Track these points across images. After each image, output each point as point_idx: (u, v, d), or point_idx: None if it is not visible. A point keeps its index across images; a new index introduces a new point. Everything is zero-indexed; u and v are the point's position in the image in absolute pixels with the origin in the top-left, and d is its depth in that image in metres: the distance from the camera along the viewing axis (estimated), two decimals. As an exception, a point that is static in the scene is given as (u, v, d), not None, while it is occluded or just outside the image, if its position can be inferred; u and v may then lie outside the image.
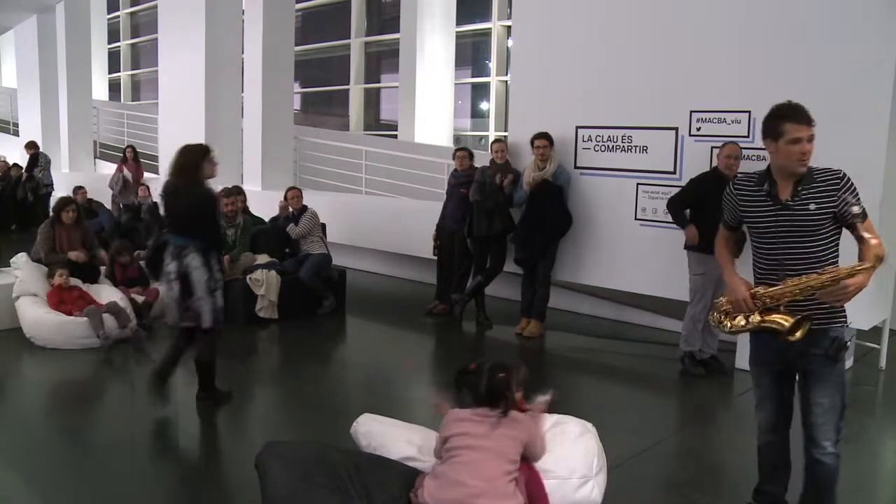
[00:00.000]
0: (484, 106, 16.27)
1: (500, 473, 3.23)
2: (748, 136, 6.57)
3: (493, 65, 15.49)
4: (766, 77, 6.48)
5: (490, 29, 15.34)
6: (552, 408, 3.82)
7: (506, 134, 8.69)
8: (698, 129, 6.90)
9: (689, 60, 6.89)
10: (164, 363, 5.40)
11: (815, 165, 3.52)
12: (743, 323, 3.55)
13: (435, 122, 15.88)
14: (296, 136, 13.81)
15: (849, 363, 6.67)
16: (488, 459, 3.24)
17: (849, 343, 3.46)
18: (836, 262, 3.39)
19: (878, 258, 3.22)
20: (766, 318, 3.46)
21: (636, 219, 7.28)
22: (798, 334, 3.36)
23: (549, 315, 7.65)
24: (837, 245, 3.43)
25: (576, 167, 7.64)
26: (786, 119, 3.49)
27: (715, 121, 6.81)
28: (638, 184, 7.26)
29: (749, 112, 6.61)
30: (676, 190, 6.74)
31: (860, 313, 6.25)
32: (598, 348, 7.48)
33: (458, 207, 8.03)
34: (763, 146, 6.43)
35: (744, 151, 6.43)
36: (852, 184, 3.40)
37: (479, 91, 16.48)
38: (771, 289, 3.45)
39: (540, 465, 3.52)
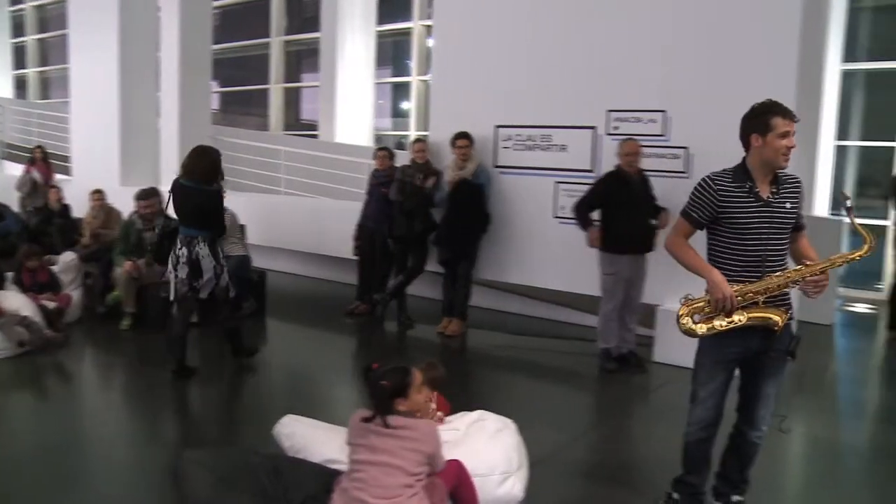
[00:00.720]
0: (405, 105, 16.25)
1: (401, 489, 3.14)
2: (664, 135, 6.73)
3: (413, 64, 15.47)
4: (681, 78, 6.66)
5: (411, 28, 15.32)
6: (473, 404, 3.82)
7: (427, 133, 8.68)
8: (615, 128, 7.03)
9: (606, 61, 7.02)
10: (174, 338, 6.09)
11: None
12: (724, 324, 3.50)
13: (355, 121, 15.78)
14: (214, 136, 13.53)
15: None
16: (387, 475, 3.14)
17: (800, 337, 3.58)
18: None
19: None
20: (755, 314, 3.47)
21: (556, 216, 7.38)
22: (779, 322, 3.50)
23: (471, 314, 7.68)
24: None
25: (496, 166, 7.70)
26: (774, 114, 3.58)
27: (632, 120, 6.95)
28: (557, 182, 7.35)
29: (664, 111, 6.76)
30: (595, 188, 6.86)
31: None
32: (520, 346, 7.53)
33: (379, 207, 7.98)
34: (676, 144, 6.68)
35: (659, 150, 6.58)
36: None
37: (400, 91, 16.45)
38: (752, 285, 3.47)
39: (464, 462, 3.51)
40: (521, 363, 7.06)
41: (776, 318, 3.46)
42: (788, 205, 3.53)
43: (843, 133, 10.91)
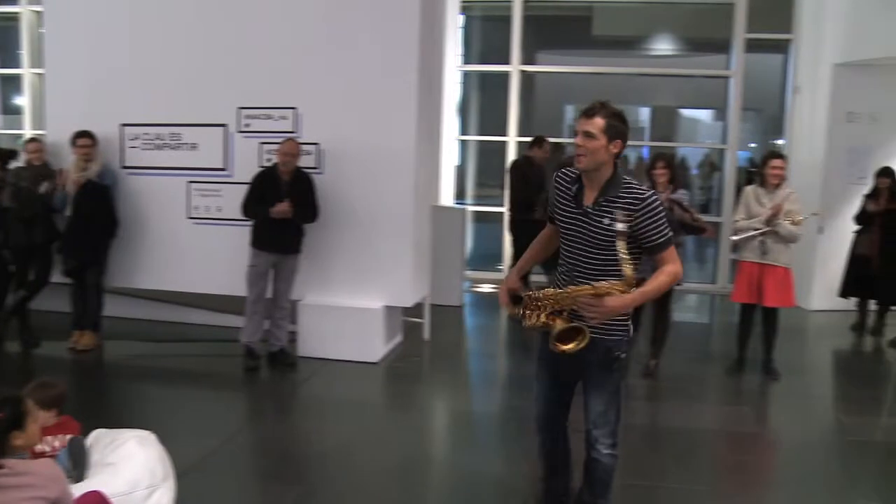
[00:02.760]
0: (18, 101, 14.75)
1: None
2: (296, 132, 6.81)
3: (25, 55, 14.05)
4: (311, 76, 6.80)
5: (19, 13, 13.83)
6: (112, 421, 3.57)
7: (43, 132, 7.94)
8: (247, 126, 6.98)
9: (236, 58, 6.94)
10: None
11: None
12: (533, 321, 3.32)
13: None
14: None
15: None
16: None
17: (622, 355, 3.45)
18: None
19: (629, 283, 3.16)
20: (548, 319, 3.29)
21: (189, 217, 7.16)
22: (570, 346, 3.23)
23: (105, 324, 7.19)
24: (631, 263, 3.16)
25: (123, 167, 7.28)
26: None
27: (263, 117, 6.95)
28: (189, 182, 7.14)
29: (295, 108, 6.85)
30: (229, 187, 6.91)
31: (405, 293, 6.86)
32: (159, 353, 7.18)
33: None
34: (307, 141, 6.79)
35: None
36: (655, 209, 3.22)
37: (11, 84, 14.88)
38: (551, 292, 3.31)
39: (101, 486, 3.29)
40: (163, 371, 6.75)
41: (555, 326, 3.26)
42: (607, 220, 3.21)
43: (464, 128, 11.85)
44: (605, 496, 3.62)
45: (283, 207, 6.27)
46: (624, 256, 3.12)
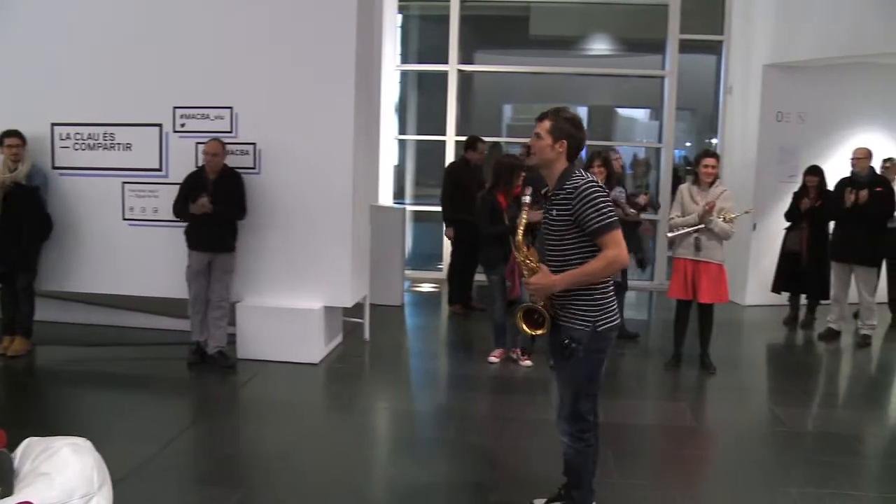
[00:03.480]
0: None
1: None
2: (231, 132, 6.74)
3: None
4: (247, 75, 6.72)
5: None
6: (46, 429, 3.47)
7: (-32, 133, 7.69)
8: (182, 126, 6.87)
9: (171, 57, 6.83)
10: None
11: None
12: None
13: None
14: None
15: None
16: None
17: (573, 346, 3.47)
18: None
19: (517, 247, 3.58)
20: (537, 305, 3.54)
21: (125, 219, 7.02)
22: (540, 331, 3.52)
23: (36, 329, 6.99)
24: (591, 252, 3.40)
25: (54, 167, 7.10)
26: None
27: (199, 117, 6.85)
28: (124, 182, 7.00)
29: (231, 108, 6.77)
30: (164, 188, 6.83)
31: (345, 293, 6.84)
32: (94, 357, 7.01)
33: None
34: (244, 141, 6.74)
35: (228, 147, 6.58)
36: (588, 196, 3.37)
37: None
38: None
39: (33, 497, 3.20)
40: (99, 377, 6.58)
41: (530, 308, 3.57)
42: (554, 212, 3.47)
43: (402, 128, 11.84)
44: (578, 487, 3.73)
45: (202, 201, 6.26)
46: (604, 249, 3.38)
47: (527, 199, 3.62)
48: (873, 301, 7.91)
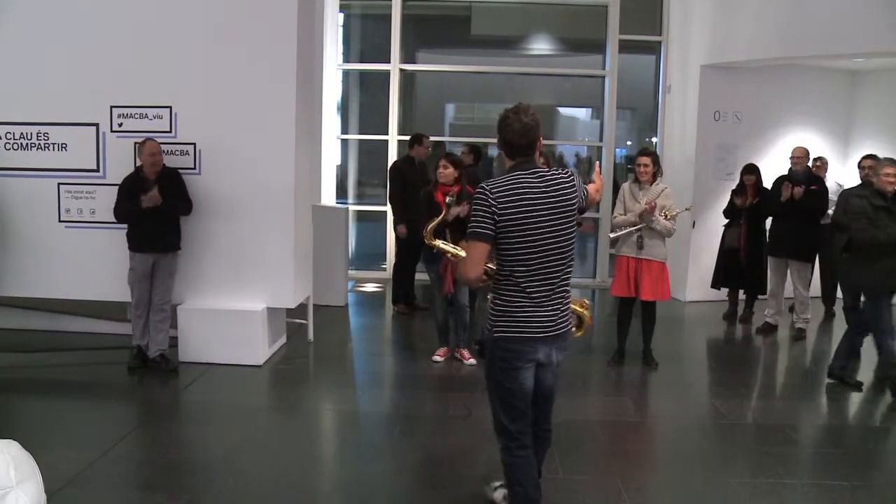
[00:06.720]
0: None
1: None
2: (170, 132, 6.64)
3: None
4: (187, 74, 6.63)
5: None
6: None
7: None
8: (120, 125, 6.75)
9: (109, 56, 6.68)
10: None
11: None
12: None
13: None
14: None
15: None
16: None
17: (478, 347, 3.40)
18: (508, 272, 3.31)
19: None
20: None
21: (60, 221, 6.86)
22: (578, 333, 3.93)
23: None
24: (507, 255, 3.30)
25: (-12, 168, 6.91)
26: None
27: (137, 116, 6.73)
28: (59, 183, 6.83)
29: (171, 107, 6.68)
30: (103, 188, 6.71)
31: (288, 294, 6.80)
32: (32, 364, 6.84)
33: None
34: (184, 141, 6.64)
35: (166, 147, 6.48)
36: (475, 199, 3.33)
37: None
38: None
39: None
40: (36, 383, 6.43)
41: None
42: None
43: (345, 127, 11.79)
44: (510, 488, 3.61)
45: (153, 194, 6.19)
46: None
47: (449, 198, 3.90)
48: (807, 295, 8.14)
